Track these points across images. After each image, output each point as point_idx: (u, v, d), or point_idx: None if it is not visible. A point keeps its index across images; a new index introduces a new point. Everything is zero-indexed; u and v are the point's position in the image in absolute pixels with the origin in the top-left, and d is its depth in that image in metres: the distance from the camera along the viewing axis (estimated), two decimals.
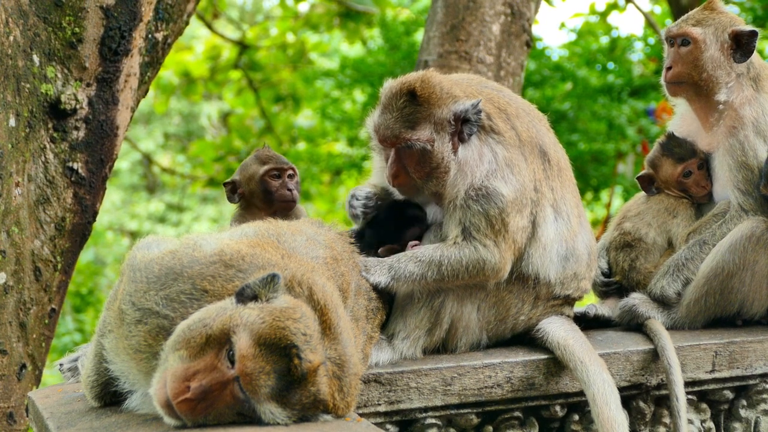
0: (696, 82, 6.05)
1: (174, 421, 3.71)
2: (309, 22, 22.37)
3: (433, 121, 5.10)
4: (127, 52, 6.81)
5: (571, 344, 5.20)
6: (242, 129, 23.53)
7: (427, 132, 5.09)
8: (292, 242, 4.47)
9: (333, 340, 3.85)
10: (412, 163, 5.13)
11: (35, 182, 6.54)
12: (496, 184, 5.09)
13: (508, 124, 5.25)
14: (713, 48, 5.99)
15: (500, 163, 5.14)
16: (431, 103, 5.11)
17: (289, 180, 5.86)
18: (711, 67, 5.99)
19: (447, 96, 5.14)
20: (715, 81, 6.01)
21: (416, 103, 5.11)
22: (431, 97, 5.11)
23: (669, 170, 6.23)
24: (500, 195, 5.07)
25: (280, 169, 5.86)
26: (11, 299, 6.39)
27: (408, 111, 5.12)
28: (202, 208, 32.29)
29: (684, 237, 6.09)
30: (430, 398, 4.98)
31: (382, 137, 5.19)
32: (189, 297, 3.95)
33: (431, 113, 5.10)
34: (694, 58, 6.03)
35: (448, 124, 5.10)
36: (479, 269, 5.08)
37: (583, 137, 20.11)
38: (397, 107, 5.14)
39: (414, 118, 5.10)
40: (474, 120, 5.11)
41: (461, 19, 9.34)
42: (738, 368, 5.74)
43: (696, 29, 6.02)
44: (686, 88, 6.13)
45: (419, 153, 5.10)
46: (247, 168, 5.96)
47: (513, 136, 5.22)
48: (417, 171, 5.13)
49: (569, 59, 21.72)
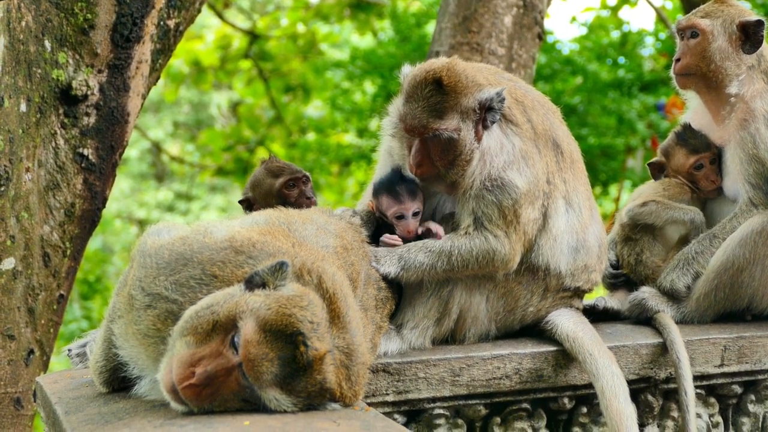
0: (704, 73, 6.05)
1: (180, 407, 3.71)
2: (320, 12, 22.37)
3: (459, 111, 5.08)
4: (139, 39, 6.81)
5: (580, 336, 5.20)
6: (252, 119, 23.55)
7: (454, 122, 5.07)
8: (303, 231, 4.47)
9: (341, 329, 3.84)
10: (437, 152, 5.10)
11: (45, 168, 6.55)
12: (512, 176, 5.08)
13: (524, 116, 5.25)
14: (721, 39, 6.00)
15: (516, 155, 5.14)
16: (457, 92, 5.08)
17: (305, 187, 5.80)
18: (719, 58, 6.00)
19: (472, 84, 5.13)
20: (725, 73, 6.01)
21: (443, 92, 5.07)
22: (458, 85, 5.09)
23: (681, 160, 6.22)
24: (515, 186, 5.07)
25: (295, 179, 5.79)
26: (20, 284, 6.41)
27: (435, 100, 5.08)
28: (211, 197, 32.31)
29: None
30: (439, 389, 4.98)
31: (409, 127, 5.14)
32: (198, 282, 3.96)
33: (458, 102, 5.08)
34: (702, 49, 6.03)
35: (473, 113, 5.09)
36: (489, 260, 5.08)
37: (592, 131, 20.08)
38: (424, 96, 5.09)
39: (441, 107, 5.07)
40: (497, 108, 5.10)
41: (473, 10, 9.33)
42: (747, 363, 5.73)
43: (704, 21, 6.04)
44: (695, 80, 6.13)
45: (446, 142, 5.07)
46: (260, 184, 5.82)
47: (529, 129, 5.22)
48: (441, 159, 5.10)
49: (580, 53, 21.68)
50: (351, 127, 23.35)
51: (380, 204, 5.24)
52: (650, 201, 6.16)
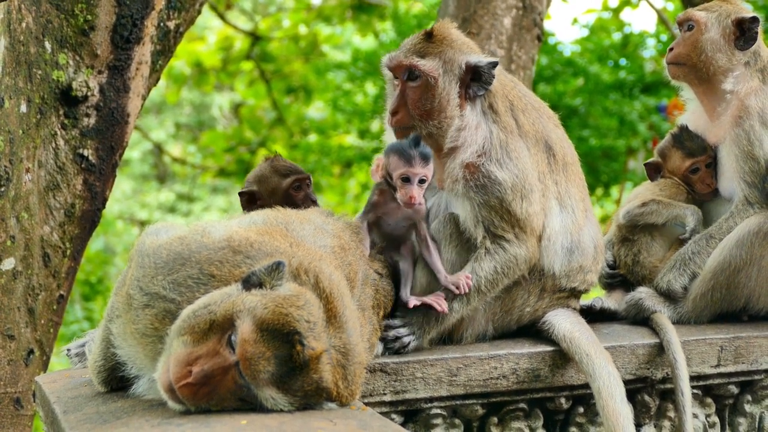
0: (695, 63, 6.09)
1: (177, 406, 3.72)
2: (321, 14, 22.38)
3: (442, 59, 5.16)
4: (139, 40, 6.83)
5: (576, 337, 5.21)
6: (253, 120, 23.56)
7: (434, 65, 5.14)
8: (301, 231, 4.49)
9: (338, 328, 3.85)
10: (413, 99, 5.16)
11: (45, 168, 6.56)
12: (491, 169, 5.08)
13: (509, 112, 5.25)
14: (714, 31, 6.04)
15: (494, 143, 5.14)
16: (444, 43, 5.19)
17: (308, 188, 5.84)
18: (710, 49, 6.04)
19: (464, 44, 5.23)
20: (715, 65, 6.04)
21: (430, 40, 5.20)
22: (446, 38, 5.21)
23: (677, 162, 6.24)
24: (498, 182, 5.07)
25: (301, 180, 5.82)
26: (20, 284, 6.42)
27: (420, 46, 5.21)
28: (213, 198, 32.30)
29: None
30: (436, 388, 4.99)
31: (389, 62, 5.26)
32: (196, 281, 3.97)
33: (443, 50, 5.17)
34: (694, 39, 6.09)
35: (459, 69, 5.14)
36: (514, 266, 5.14)
37: (594, 133, 20.10)
38: (412, 43, 5.25)
39: (425, 50, 5.18)
40: (486, 79, 5.14)
41: (473, 11, 9.35)
42: (743, 363, 5.74)
43: (700, 13, 6.13)
44: (686, 71, 6.17)
45: (423, 87, 5.13)
46: (267, 181, 5.84)
47: (511, 123, 5.22)
48: (417, 107, 5.15)
49: (581, 55, 21.71)
50: (352, 129, 23.37)
51: (389, 163, 5.06)
52: (650, 201, 6.17)
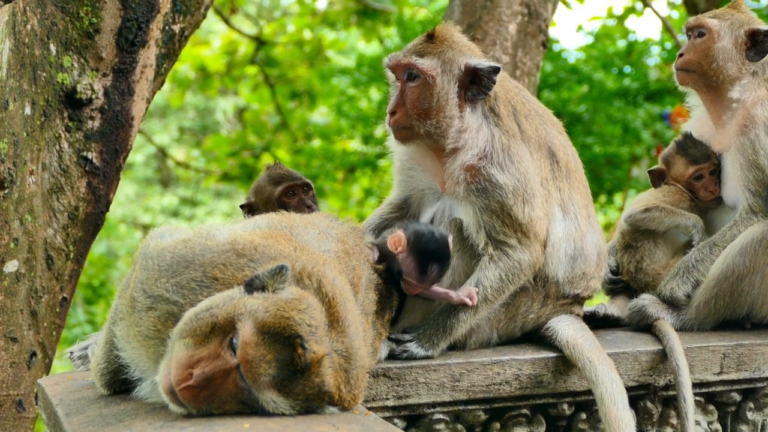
0: (705, 71, 6.09)
1: (179, 409, 3.72)
2: (326, 19, 22.37)
3: (441, 59, 5.17)
4: (144, 44, 6.84)
5: (580, 343, 5.21)
6: (257, 124, 23.53)
7: (432, 64, 5.15)
8: (305, 235, 4.49)
9: (340, 332, 3.85)
10: (411, 99, 5.17)
11: (49, 171, 6.56)
12: (492, 172, 5.09)
13: (512, 117, 5.25)
14: (726, 40, 6.03)
15: (496, 146, 5.14)
16: (444, 44, 5.21)
17: (305, 195, 5.80)
18: (722, 58, 6.03)
19: (465, 46, 5.25)
20: (725, 74, 6.04)
21: (431, 41, 5.22)
22: (447, 39, 5.23)
23: (681, 170, 6.24)
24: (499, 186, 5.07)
25: (294, 187, 5.79)
26: (23, 287, 6.42)
27: (421, 46, 5.23)
28: (216, 202, 32.33)
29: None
30: (439, 394, 4.99)
31: (389, 62, 5.27)
32: (199, 284, 3.97)
33: (442, 51, 5.19)
34: (706, 47, 6.08)
35: (458, 70, 5.15)
36: (518, 272, 5.14)
37: (598, 140, 20.08)
38: (413, 44, 5.27)
39: (424, 50, 5.20)
40: (486, 83, 5.14)
41: (478, 18, 9.35)
42: (746, 371, 5.74)
43: (712, 21, 6.10)
44: (695, 78, 6.17)
45: (421, 86, 5.14)
46: (262, 190, 5.84)
47: (513, 127, 5.22)
48: (415, 108, 5.16)
49: (586, 62, 21.70)
50: (356, 134, 23.37)
51: (407, 265, 4.96)
52: (653, 207, 6.17)
